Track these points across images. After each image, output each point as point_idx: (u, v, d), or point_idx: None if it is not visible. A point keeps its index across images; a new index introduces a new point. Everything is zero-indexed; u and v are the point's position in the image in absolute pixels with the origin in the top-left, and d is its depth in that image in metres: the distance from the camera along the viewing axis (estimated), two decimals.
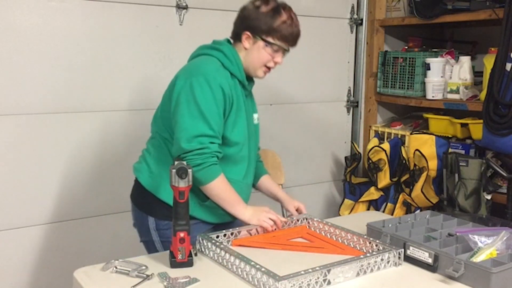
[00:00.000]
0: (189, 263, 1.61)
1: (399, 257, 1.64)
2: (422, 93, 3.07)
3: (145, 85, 2.66)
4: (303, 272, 1.44)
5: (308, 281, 1.44)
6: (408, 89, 3.13)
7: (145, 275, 1.53)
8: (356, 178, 3.33)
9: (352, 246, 1.77)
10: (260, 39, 1.82)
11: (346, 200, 3.26)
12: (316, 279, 1.45)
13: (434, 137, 2.80)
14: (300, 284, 1.42)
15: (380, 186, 3.09)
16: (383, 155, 3.05)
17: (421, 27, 3.29)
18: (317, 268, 1.47)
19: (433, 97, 2.97)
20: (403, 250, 1.65)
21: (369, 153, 3.13)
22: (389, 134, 3.23)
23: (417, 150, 2.81)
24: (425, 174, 2.77)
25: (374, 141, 3.21)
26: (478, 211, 2.55)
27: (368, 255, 1.59)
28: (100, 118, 2.57)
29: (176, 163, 1.60)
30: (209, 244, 1.69)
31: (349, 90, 3.42)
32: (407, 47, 3.31)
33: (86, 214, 2.60)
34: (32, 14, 2.35)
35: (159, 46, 2.67)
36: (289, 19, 1.83)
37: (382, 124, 3.43)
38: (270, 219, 1.83)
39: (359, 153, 3.34)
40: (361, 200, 3.16)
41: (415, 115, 3.38)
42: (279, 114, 3.11)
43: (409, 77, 3.12)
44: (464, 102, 2.82)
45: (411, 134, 2.99)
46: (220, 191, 1.79)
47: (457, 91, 2.89)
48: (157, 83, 2.65)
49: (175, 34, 2.70)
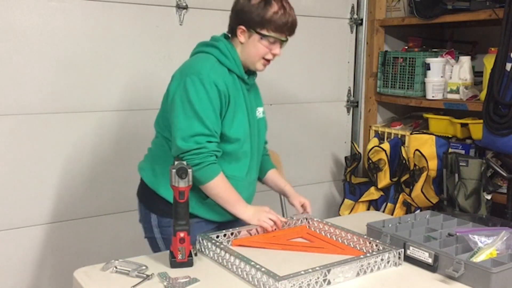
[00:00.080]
0: (189, 263, 1.61)
1: (399, 257, 1.64)
2: (422, 93, 3.07)
3: (145, 85, 2.66)
4: (303, 272, 1.44)
5: (308, 281, 1.44)
6: (408, 89, 3.13)
7: (145, 275, 1.53)
8: (356, 178, 3.33)
9: (352, 246, 1.77)
10: (254, 32, 1.79)
11: (346, 200, 3.26)
12: (316, 279, 1.45)
13: (434, 137, 2.80)
14: (300, 284, 1.42)
15: (380, 186, 3.09)
16: (383, 155, 3.05)
17: (421, 27, 3.29)
18: (317, 268, 1.47)
19: (433, 97, 2.97)
20: (403, 250, 1.65)
21: (369, 153, 3.13)
22: (389, 134, 3.23)
23: (417, 150, 2.81)
24: (425, 174, 2.77)
25: (374, 141, 3.21)
26: (478, 211, 2.55)
27: (368, 255, 1.59)
28: (100, 118, 2.57)
29: (176, 163, 1.60)
30: (209, 244, 1.69)
31: (349, 90, 3.42)
32: (407, 47, 3.31)
33: (86, 214, 2.60)
34: (32, 14, 2.35)
35: (159, 46, 2.67)
36: (281, 8, 1.77)
37: (382, 124, 3.43)
38: (270, 219, 1.83)
39: (359, 153, 3.34)
40: (361, 200, 3.16)
41: (415, 115, 3.38)
42: (279, 114, 3.11)
43: (409, 77, 3.12)
44: (464, 102, 2.82)
45: (411, 134, 2.99)
46: (219, 190, 1.79)
47: (457, 91, 2.89)
48: (157, 83, 2.64)
49: (175, 34, 2.70)
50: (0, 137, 2.34)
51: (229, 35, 1.88)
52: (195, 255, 1.66)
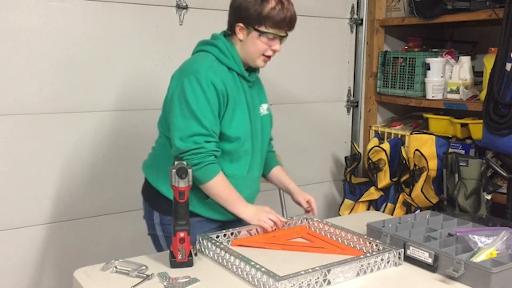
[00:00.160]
0: (189, 263, 1.61)
1: (399, 257, 1.64)
2: (422, 93, 3.07)
3: (145, 85, 2.66)
4: (303, 272, 1.44)
5: (308, 281, 1.43)
6: (408, 89, 3.13)
7: (145, 275, 1.53)
8: (356, 178, 3.33)
9: (352, 246, 1.77)
10: (253, 30, 1.77)
11: (346, 200, 3.26)
12: (316, 279, 1.45)
13: (434, 137, 2.80)
14: (300, 284, 1.42)
15: (380, 186, 3.09)
16: (383, 155, 3.05)
17: (421, 27, 3.29)
18: (317, 268, 1.47)
19: (433, 97, 2.97)
20: (403, 250, 1.65)
21: (369, 153, 3.13)
22: (389, 134, 3.23)
23: (417, 150, 2.81)
24: (425, 174, 2.77)
25: (374, 141, 3.21)
26: (478, 211, 2.55)
27: (368, 255, 1.59)
28: (100, 118, 2.57)
29: (176, 163, 1.60)
30: (209, 244, 1.69)
31: (349, 90, 3.42)
32: (407, 47, 3.31)
33: (86, 214, 2.60)
34: (32, 14, 2.35)
35: (159, 46, 2.67)
36: (278, 4, 1.75)
37: (382, 124, 3.43)
38: (270, 219, 1.83)
39: (359, 153, 3.34)
40: (361, 200, 3.16)
41: (415, 115, 3.38)
42: (279, 114, 3.10)
43: (409, 77, 3.12)
44: (464, 102, 2.82)
45: (411, 134, 2.99)
46: (219, 190, 1.79)
47: (457, 91, 2.89)
48: (157, 83, 2.65)
49: (175, 34, 2.70)
50: (0, 137, 2.34)
51: (229, 32, 1.88)
52: (195, 255, 1.66)
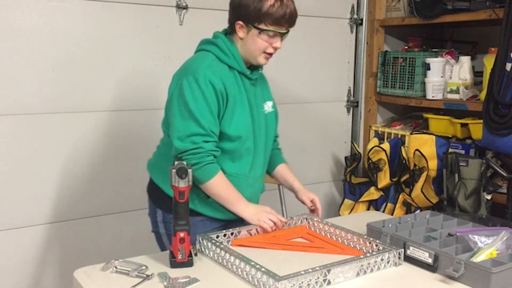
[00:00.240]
0: (189, 263, 1.60)
1: (399, 257, 1.64)
2: (422, 93, 3.07)
3: (145, 85, 2.66)
4: (303, 272, 1.44)
5: (308, 281, 1.43)
6: (408, 89, 3.13)
7: (145, 275, 1.53)
8: (356, 178, 3.33)
9: (352, 246, 1.77)
10: (252, 27, 1.76)
11: (346, 200, 3.26)
12: (316, 279, 1.45)
13: (434, 137, 2.80)
14: (300, 284, 1.42)
15: (380, 186, 3.09)
16: (383, 155, 3.05)
17: (421, 27, 3.29)
18: (317, 268, 1.47)
19: (433, 97, 2.97)
20: (403, 250, 1.65)
21: (369, 153, 3.13)
22: (389, 134, 3.23)
23: (417, 150, 2.81)
24: (425, 174, 2.77)
25: (374, 141, 3.21)
26: (478, 211, 2.55)
27: (368, 255, 1.59)
28: (100, 118, 2.57)
29: (176, 163, 1.60)
30: (209, 244, 1.69)
31: (349, 90, 3.42)
32: (407, 47, 3.31)
33: (86, 214, 2.60)
34: (32, 14, 2.35)
35: (159, 46, 2.67)
36: (277, 0, 1.73)
37: (382, 124, 3.43)
38: (270, 220, 1.83)
39: (359, 153, 3.34)
40: (361, 200, 3.16)
41: (415, 115, 3.38)
42: (279, 114, 3.10)
43: (409, 77, 3.12)
44: (464, 102, 2.82)
45: (411, 134, 2.99)
46: (218, 189, 1.79)
47: (457, 91, 2.89)
48: (157, 83, 2.65)
49: (175, 34, 2.70)
50: (0, 137, 2.34)
51: (230, 30, 1.86)
52: (195, 255, 1.66)
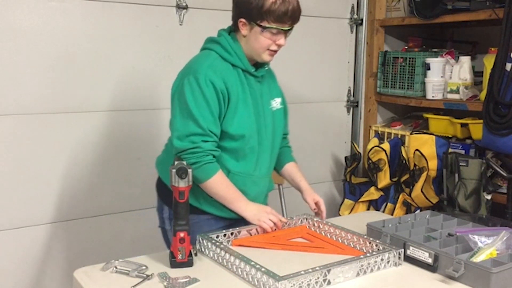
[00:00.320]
0: (189, 263, 1.60)
1: (399, 257, 1.64)
2: (422, 93, 3.07)
3: (145, 85, 2.66)
4: (303, 272, 1.44)
5: (308, 281, 1.43)
6: (408, 89, 3.13)
7: (145, 275, 1.53)
8: (356, 178, 3.33)
9: (352, 246, 1.77)
10: (255, 25, 1.74)
11: (346, 200, 3.26)
12: (316, 279, 1.45)
13: (434, 137, 2.80)
14: (300, 284, 1.42)
15: (380, 186, 3.09)
16: (383, 155, 3.05)
17: (421, 27, 3.29)
18: (317, 268, 1.47)
19: (433, 97, 2.97)
20: (403, 250, 1.65)
21: (369, 153, 3.13)
22: (389, 134, 3.23)
23: (417, 150, 2.81)
24: (425, 174, 2.77)
25: (374, 141, 3.21)
26: (478, 211, 2.55)
27: (368, 255, 1.59)
28: (99, 118, 2.57)
29: (176, 163, 1.60)
30: (209, 244, 1.69)
31: (349, 90, 3.42)
32: (407, 47, 3.31)
33: (86, 214, 2.60)
34: (32, 14, 2.35)
35: (159, 46, 2.67)
36: None
37: (382, 124, 3.43)
38: (270, 220, 1.82)
39: (359, 153, 3.34)
40: (361, 200, 3.16)
41: (415, 115, 3.38)
42: None
43: (409, 77, 3.12)
44: (464, 102, 2.82)
45: (411, 134, 2.99)
46: (218, 189, 1.79)
47: (457, 91, 2.89)
48: (157, 83, 2.65)
49: (175, 34, 2.70)
50: (0, 137, 2.34)
51: (234, 28, 1.85)
52: (195, 255, 1.66)
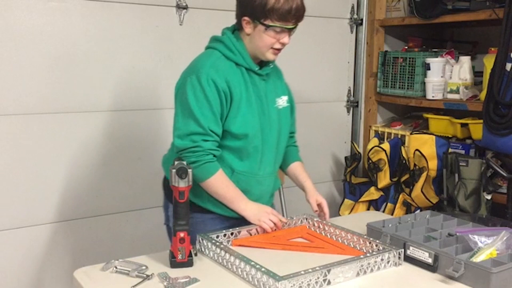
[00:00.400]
0: (189, 263, 1.60)
1: (399, 257, 1.64)
2: (422, 93, 3.07)
3: (145, 85, 2.66)
4: (303, 272, 1.44)
5: (308, 281, 1.43)
6: (408, 89, 3.13)
7: (145, 275, 1.53)
8: (356, 178, 3.33)
9: (352, 246, 1.77)
10: (259, 23, 1.73)
11: (346, 200, 3.26)
12: (316, 279, 1.45)
13: (434, 137, 2.80)
14: (300, 284, 1.42)
15: (380, 186, 3.09)
16: (383, 155, 3.05)
17: (421, 27, 3.29)
18: (317, 268, 1.47)
19: (433, 97, 2.97)
20: (403, 250, 1.65)
21: (369, 153, 3.13)
22: (389, 134, 3.23)
23: (417, 150, 2.81)
24: (425, 174, 2.77)
25: (374, 141, 3.21)
26: (478, 211, 2.55)
27: (368, 255, 1.59)
28: (100, 118, 2.57)
29: (176, 163, 1.60)
30: (209, 244, 1.68)
31: (349, 90, 3.42)
32: (407, 47, 3.31)
33: (86, 214, 2.60)
34: (32, 14, 2.35)
35: (159, 46, 2.67)
36: None
37: (382, 124, 3.43)
38: (270, 220, 1.82)
39: (359, 153, 3.34)
40: (361, 200, 3.16)
41: (415, 115, 3.38)
42: None
43: (409, 77, 3.12)
44: (464, 102, 2.82)
45: (411, 134, 2.99)
46: (217, 188, 1.79)
47: (457, 91, 2.89)
48: (157, 83, 2.65)
49: (175, 34, 2.70)
50: (0, 137, 2.34)
51: (238, 26, 1.84)
52: (195, 255, 1.66)
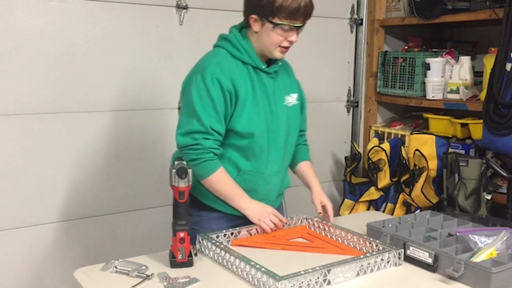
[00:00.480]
0: (189, 263, 1.60)
1: (399, 257, 1.64)
2: (422, 93, 3.07)
3: (145, 85, 2.65)
4: (303, 272, 1.44)
5: (308, 281, 1.43)
6: (408, 89, 3.13)
7: (145, 275, 1.53)
8: (356, 178, 3.33)
9: (352, 246, 1.77)
10: (266, 21, 1.72)
11: (346, 200, 3.26)
12: (316, 279, 1.45)
13: (434, 137, 2.80)
14: (300, 284, 1.42)
15: (380, 186, 3.09)
16: (383, 155, 3.05)
17: (421, 27, 3.29)
18: (317, 268, 1.47)
19: (433, 97, 2.97)
20: (403, 250, 1.65)
21: (369, 153, 3.13)
22: (389, 134, 3.23)
23: (417, 150, 2.81)
24: (425, 174, 2.77)
25: (374, 141, 3.21)
26: (478, 211, 2.55)
27: (368, 255, 1.59)
28: (100, 118, 2.57)
29: (176, 163, 1.60)
30: (209, 244, 1.69)
31: (349, 90, 3.42)
32: (407, 47, 3.31)
33: (86, 214, 2.60)
34: (32, 14, 2.35)
35: (159, 46, 2.66)
36: None
37: (382, 124, 3.43)
38: (271, 221, 1.82)
39: (359, 153, 3.34)
40: (361, 200, 3.16)
41: (415, 115, 3.38)
42: None
43: (409, 77, 3.12)
44: (464, 102, 2.82)
45: (411, 134, 2.99)
46: (218, 186, 1.79)
47: (457, 91, 2.89)
48: (157, 83, 2.65)
49: (175, 34, 2.70)
50: (0, 137, 2.34)
51: (245, 24, 1.84)
52: (195, 255, 1.66)
